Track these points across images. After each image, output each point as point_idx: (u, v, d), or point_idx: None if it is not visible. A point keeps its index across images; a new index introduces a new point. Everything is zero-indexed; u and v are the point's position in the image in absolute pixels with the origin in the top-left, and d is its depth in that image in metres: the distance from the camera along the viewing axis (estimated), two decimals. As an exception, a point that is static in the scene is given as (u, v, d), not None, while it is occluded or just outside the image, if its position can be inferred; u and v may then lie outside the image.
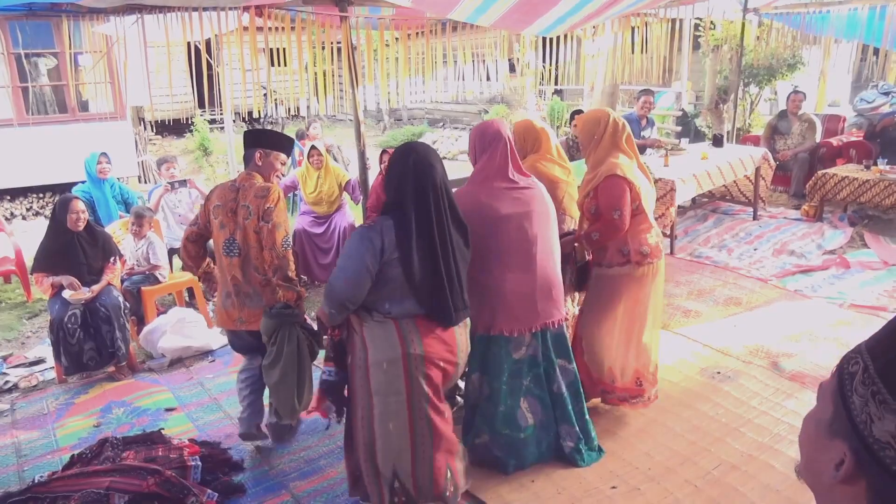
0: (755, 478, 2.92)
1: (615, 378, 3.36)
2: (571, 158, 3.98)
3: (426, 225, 2.39)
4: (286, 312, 3.00)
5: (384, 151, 5.43)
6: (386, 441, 2.48)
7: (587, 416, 3.11)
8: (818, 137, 7.63)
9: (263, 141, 3.17)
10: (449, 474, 2.58)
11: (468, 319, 2.63)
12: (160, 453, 3.10)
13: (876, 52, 8.35)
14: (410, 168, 2.42)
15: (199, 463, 3.05)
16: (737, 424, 3.35)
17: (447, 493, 2.58)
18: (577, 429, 3.03)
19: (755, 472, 2.97)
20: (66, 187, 6.51)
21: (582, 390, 3.11)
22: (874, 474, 0.68)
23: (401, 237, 2.36)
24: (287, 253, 3.05)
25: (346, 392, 2.60)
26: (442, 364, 2.49)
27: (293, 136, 7.95)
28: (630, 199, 3.12)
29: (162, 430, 3.44)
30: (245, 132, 3.35)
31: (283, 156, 3.20)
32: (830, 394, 0.75)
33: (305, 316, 3.24)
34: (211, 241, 3.25)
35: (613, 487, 2.90)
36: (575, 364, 3.07)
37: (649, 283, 3.24)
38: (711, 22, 8.98)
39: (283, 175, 3.27)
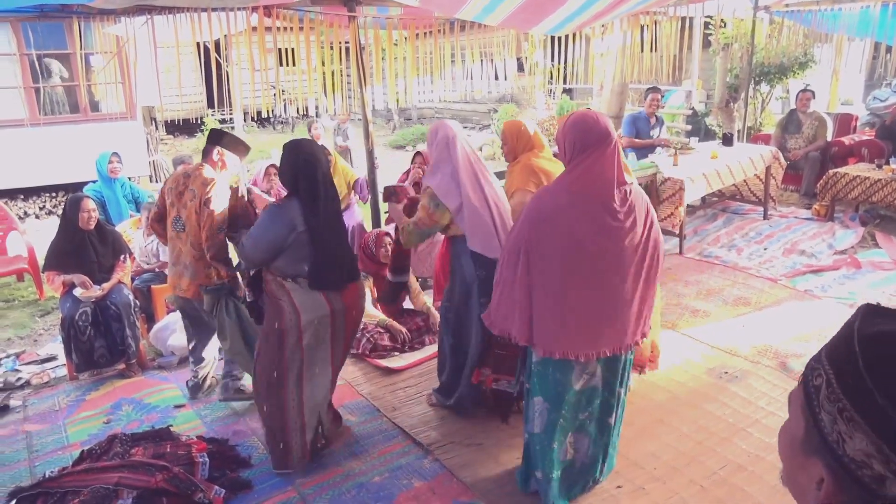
0: (762, 479, 2.91)
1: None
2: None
3: (319, 206, 2.90)
4: (218, 286, 3.52)
5: (418, 153, 5.45)
6: (311, 385, 2.98)
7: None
8: (829, 136, 7.57)
9: (223, 141, 3.64)
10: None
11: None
12: (168, 450, 3.12)
13: (889, 49, 8.28)
14: (301, 162, 2.91)
15: (207, 459, 3.07)
16: (744, 425, 3.33)
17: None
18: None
19: (762, 472, 2.95)
20: (77, 186, 6.57)
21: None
22: (855, 493, 0.66)
23: (306, 215, 2.86)
24: (221, 236, 3.45)
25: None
26: (354, 312, 3.08)
27: (304, 134, 7.98)
28: None
29: (170, 427, 3.48)
30: (211, 130, 3.90)
31: (235, 157, 3.67)
32: (800, 408, 0.73)
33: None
34: None
35: (619, 487, 2.89)
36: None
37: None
38: (722, 20, 8.93)
39: (225, 170, 3.67)
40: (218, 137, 3.66)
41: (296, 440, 3.02)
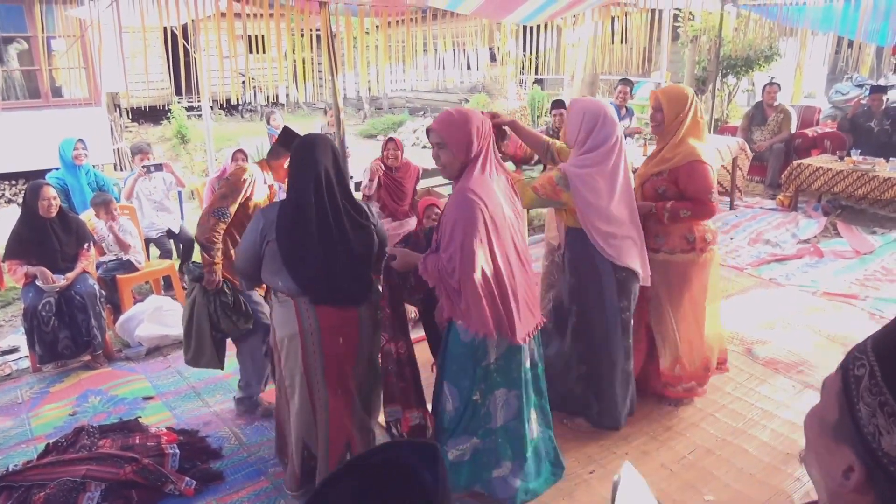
0: (729, 462, 2.98)
1: (684, 367, 3.33)
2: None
3: (306, 213, 2.51)
4: (194, 269, 3.35)
5: (390, 139, 5.44)
6: (297, 415, 2.68)
7: None
8: (793, 128, 7.74)
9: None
10: (348, 455, 2.69)
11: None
12: (137, 441, 3.08)
13: (850, 44, 8.47)
14: (294, 162, 2.61)
15: (177, 451, 3.04)
16: (712, 410, 3.41)
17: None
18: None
19: (729, 455, 3.03)
20: (38, 174, 6.37)
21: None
22: (885, 489, 0.65)
23: (280, 219, 2.53)
24: (212, 219, 3.15)
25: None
26: (340, 339, 2.60)
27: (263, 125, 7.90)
28: None
29: (139, 419, 3.42)
30: (285, 130, 3.40)
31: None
32: (835, 395, 0.70)
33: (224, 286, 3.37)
34: None
35: (591, 472, 2.94)
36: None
37: (711, 269, 3.31)
38: (690, 13, 9.04)
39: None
40: (291, 140, 3.10)
41: (293, 459, 2.79)
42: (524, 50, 9.11)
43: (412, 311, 3.69)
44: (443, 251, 2.41)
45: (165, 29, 5.01)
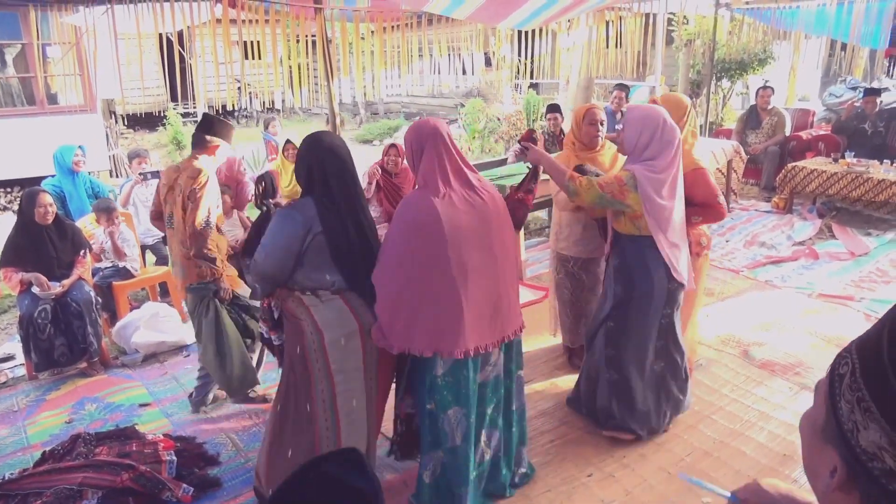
0: (727, 464, 2.98)
1: None
2: (549, 152, 3.99)
3: (340, 205, 2.48)
4: (202, 287, 3.31)
5: (392, 145, 5.40)
6: (349, 420, 2.53)
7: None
8: (788, 131, 7.77)
9: (215, 129, 3.43)
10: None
11: None
12: (134, 448, 3.06)
13: (844, 47, 8.52)
14: (315, 157, 2.51)
15: (174, 458, 3.03)
16: (709, 412, 3.41)
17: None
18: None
19: (727, 458, 3.03)
20: (34, 181, 6.37)
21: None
22: (865, 486, 0.65)
23: (322, 213, 2.44)
24: (206, 231, 3.23)
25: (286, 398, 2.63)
26: None
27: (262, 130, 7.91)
28: None
29: (136, 426, 3.41)
30: (203, 116, 3.61)
31: (226, 143, 3.48)
32: (823, 395, 0.72)
33: (234, 291, 3.47)
34: None
35: (589, 475, 2.93)
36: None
37: (701, 273, 3.39)
38: (685, 17, 9.08)
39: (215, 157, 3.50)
40: (210, 125, 3.43)
41: None
42: (519, 54, 9.14)
43: None
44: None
45: (161, 35, 5.03)
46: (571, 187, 2.83)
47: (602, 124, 3.56)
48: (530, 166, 2.94)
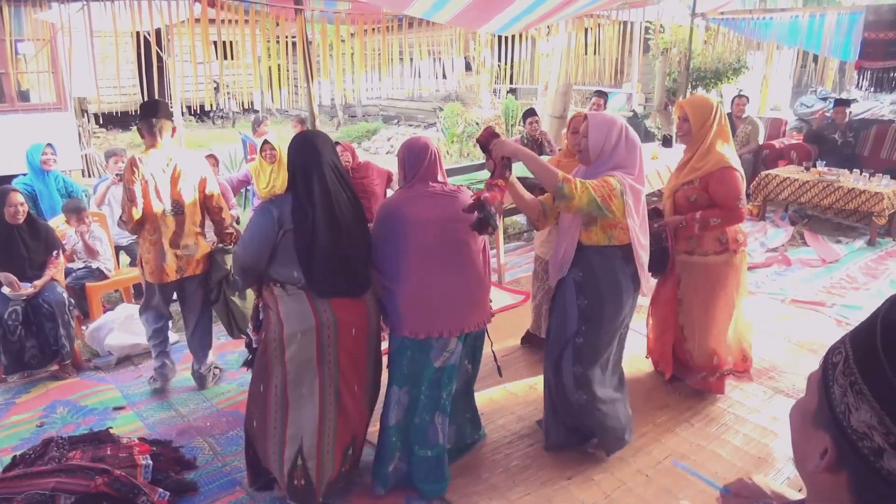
0: (704, 466, 3.02)
1: (721, 360, 3.54)
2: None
3: (316, 203, 2.57)
4: (226, 248, 3.83)
5: (336, 143, 5.36)
6: (298, 406, 2.63)
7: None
8: (761, 139, 7.91)
9: (160, 112, 3.64)
10: (351, 450, 2.79)
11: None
12: (109, 452, 3.00)
13: (815, 59, 8.71)
14: (298, 156, 2.65)
15: (150, 462, 2.97)
16: (687, 416, 3.45)
17: (343, 469, 2.78)
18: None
19: (704, 461, 3.07)
20: (5, 180, 6.23)
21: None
22: (854, 464, 0.69)
23: (295, 210, 2.56)
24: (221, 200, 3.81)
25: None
26: (353, 330, 2.66)
27: (247, 130, 7.83)
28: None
29: (110, 429, 3.34)
30: (142, 105, 3.73)
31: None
32: (816, 384, 0.76)
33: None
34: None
35: (569, 478, 2.95)
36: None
37: (742, 268, 3.47)
38: (661, 25, 9.21)
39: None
40: (154, 109, 3.65)
41: (274, 465, 2.70)
42: (499, 59, 9.19)
43: None
44: None
45: (138, 34, 4.96)
46: (565, 189, 2.58)
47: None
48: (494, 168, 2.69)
